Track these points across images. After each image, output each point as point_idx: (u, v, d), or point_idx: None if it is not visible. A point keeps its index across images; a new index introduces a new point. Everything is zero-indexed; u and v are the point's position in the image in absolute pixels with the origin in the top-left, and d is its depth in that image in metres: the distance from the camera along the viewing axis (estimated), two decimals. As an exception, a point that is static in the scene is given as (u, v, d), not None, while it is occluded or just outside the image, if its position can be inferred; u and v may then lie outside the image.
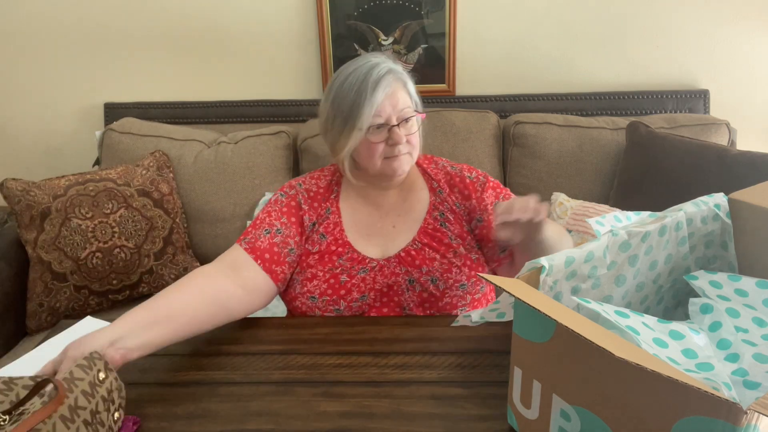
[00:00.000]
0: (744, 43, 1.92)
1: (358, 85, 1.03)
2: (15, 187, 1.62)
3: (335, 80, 1.08)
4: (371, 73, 1.03)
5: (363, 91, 1.03)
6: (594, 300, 0.71)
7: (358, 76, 1.04)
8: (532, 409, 0.70)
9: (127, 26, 2.04)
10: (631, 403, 0.57)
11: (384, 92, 1.03)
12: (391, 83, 1.04)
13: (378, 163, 1.07)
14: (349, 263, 1.09)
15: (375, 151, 1.06)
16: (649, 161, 1.64)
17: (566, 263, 0.74)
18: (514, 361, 0.72)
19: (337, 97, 1.06)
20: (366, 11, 1.96)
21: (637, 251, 0.81)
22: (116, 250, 1.66)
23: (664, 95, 1.94)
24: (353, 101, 1.03)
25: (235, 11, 2.00)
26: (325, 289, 1.08)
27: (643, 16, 1.92)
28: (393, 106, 1.04)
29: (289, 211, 1.13)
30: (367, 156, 1.07)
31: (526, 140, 1.83)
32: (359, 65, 1.06)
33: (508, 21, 1.96)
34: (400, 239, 1.14)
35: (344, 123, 1.05)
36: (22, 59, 2.10)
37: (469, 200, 1.15)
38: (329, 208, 1.15)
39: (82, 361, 0.73)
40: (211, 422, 0.79)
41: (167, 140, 1.90)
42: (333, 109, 1.07)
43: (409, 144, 1.07)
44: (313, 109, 2.04)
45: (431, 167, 1.20)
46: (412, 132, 1.07)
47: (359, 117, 1.03)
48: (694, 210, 0.84)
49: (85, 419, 0.68)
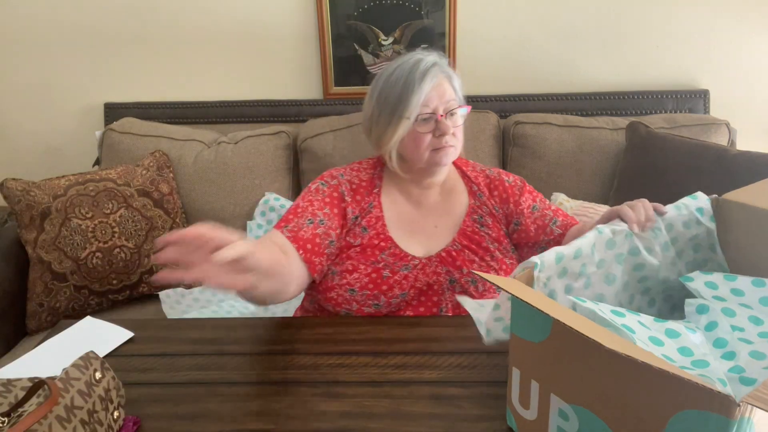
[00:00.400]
0: (744, 43, 1.92)
1: (405, 77, 1.05)
2: (15, 187, 1.62)
3: (380, 77, 1.11)
4: (418, 65, 1.06)
5: (411, 82, 1.05)
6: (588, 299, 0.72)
7: (404, 69, 1.07)
8: (530, 410, 0.70)
9: (127, 26, 2.03)
10: (627, 399, 0.58)
11: (431, 83, 1.05)
12: (437, 76, 1.06)
13: (425, 155, 1.08)
14: (392, 259, 1.09)
15: (422, 142, 1.07)
16: (649, 161, 1.64)
17: (557, 259, 0.75)
18: (512, 361, 0.72)
19: (383, 91, 1.08)
20: (366, 11, 1.96)
21: (622, 249, 0.82)
22: (116, 250, 1.66)
23: (664, 95, 1.94)
24: (400, 92, 1.05)
25: (235, 11, 2.00)
26: (366, 283, 1.07)
27: (642, 16, 1.92)
28: (440, 98, 1.06)
29: (332, 201, 1.12)
30: (414, 147, 1.08)
31: (526, 140, 1.83)
32: (404, 60, 1.08)
33: (508, 21, 1.96)
34: (441, 239, 1.14)
35: (392, 114, 1.07)
36: (22, 59, 2.10)
37: (507, 204, 1.17)
38: (372, 203, 1.15)
39: (78, 361, 0.73)
40: (211, 422, 0.79)
41: (167, 140, 1.90)
42: (379, 104, 1.09)
43: (455, 137, 1.09)
44: (313, 109, 2.04)
45: (469, 170, 1.21)
46: (457, 125, 1.09)
47: (407, 106, 1.05)
48: (675, 214, 0.85)
49: (82, 419, 0.68)
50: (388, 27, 1.97)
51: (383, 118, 1.09)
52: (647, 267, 0.83)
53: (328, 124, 1.89)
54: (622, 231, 0.81)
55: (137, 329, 1.03)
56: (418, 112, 1.05)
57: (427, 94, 1.05)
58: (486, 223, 1.15)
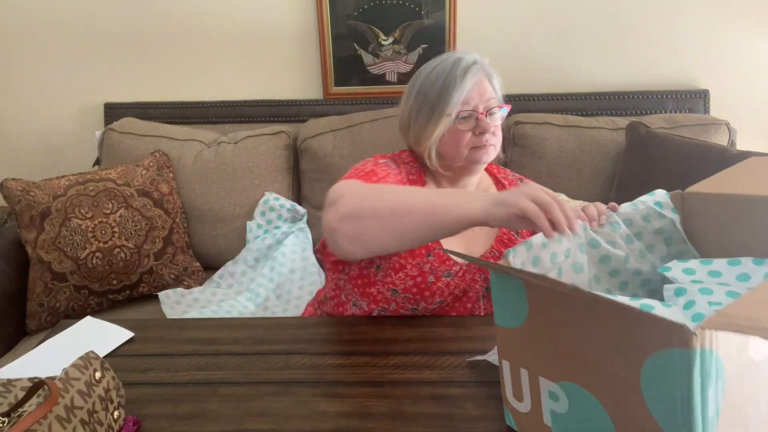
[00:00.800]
0: (744, 43, 1.92)
1: (446, 74, 1.05)
2: (15, 187, 1.62)
3: (419, 75, 1.10)
4: (459, 63, 1.05)
5: (452, 79, 1.04)
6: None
7: (444, 66, 1.06)
8: (524, 402, 0.71)
9: (127, 26, 2.03)
10: (601, 360, 0.59)
11: (472, 80, 1.04)
12: (477, 74, 1.06)
13: (464, 153, 1.07)
14: (437, 263, 1.05)
15: (462, 140, 1.06)
16: (649, 161, 1.64)
17: (527, 247, 0.78)
18: (501, 354, 0.73)
19: (423, 88, 1.07)
20: (366, 11, 1.96)
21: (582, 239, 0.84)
22: (116, 250, 1.66)
23: (664, 95, 1.94)
24: (441, 89, 1.05)
25: (235, 11, 2.00)
26: (410, 286, 1.04)
27: (643, 16, 1.92)
28: (480, 96, 1.06)
29: (398, 176, 1.10)
30: (454, 145, 1.07)
31: (526, 140, 1.83)
32: (444, 59, 1.08)
33: (508, 21, 1.96)
34: (479, 245, 1.12)
35: (432, 111, 1.06)
36: (23, 59, 2.09)
37: None
38: None
39: (78, 362, 0.73)
40: (211, 422, 0.79)
41: (167, 140, 1.90)
42: (418, 101, 1.08)
43: (494, 135, 1.08)
44: (313, 109, 2.04)
45: (501, 176, 1.21)
46: (497, 124, 1.08)
47: (448, 103, 1.04)
48: (631, 210, 0.86)
49: (82, 419, 0.68)
50: (388, 27, 1.97)
51: (423, 115, 1.07)
52: (614, 259, 0.84)
53: (328, 124, 1.89)
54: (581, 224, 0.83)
55: (137, 329, 1.03)
56: (458, 109, 1.04)
57: (468, 92, 1.04)
58: (520, 231, 1.13)
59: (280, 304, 1.66)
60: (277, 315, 1.59)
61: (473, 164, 1.09)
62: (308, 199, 1.91)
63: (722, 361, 0.51)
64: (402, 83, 2.03)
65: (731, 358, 0.52)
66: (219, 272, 1.80)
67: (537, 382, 0.68)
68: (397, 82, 2.04)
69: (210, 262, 1.87)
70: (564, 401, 0.65)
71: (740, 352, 0.53)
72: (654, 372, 0.54)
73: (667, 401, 0.53)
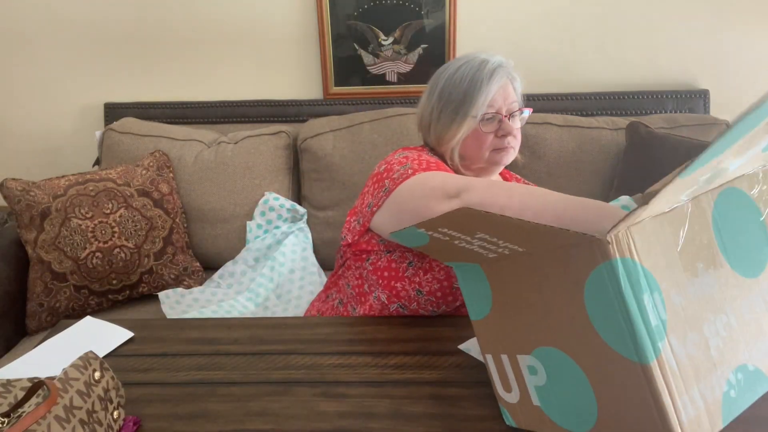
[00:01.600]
0: (744, 43, 1.92)
1: (472, 75, 1.05)
2: (15, 187, 1.62)
3: (442, 73, 1.10)
4: (485, 65, 1.06)
5: (478, 80, 1.04)
6: None
7: (470, 67, 1.06)
8: (513, 391, 0.72)
9: (127, 26, 2.04)
10: (554, 309, 0.61)
11: (498, 83, 1.05)
12: (503, 78, 1.06)
13: (486, 154, 1.08)
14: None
15: (485, 142, 1.07)
16: (649, 161, 1.64)
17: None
18: (483, 350, 0.75)
19: (447, 87, 1.08)
20: (366, 11, 1.96)
21: None
22: (116, 250, 1.66)
23: (664, 95, 1.94)
24: (466, 90, 1.05)
25: (235, 11, 2.00)
26: (435, 289, 1.03)
27: (643, 16, 1.92)
28: (504, 99, 1.06)
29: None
30: (476, 146, 1.08)
31: (526, 140, 1.83)
32: (469, 59, 1.08)
33: (508, 21, 1.96)
34: None
35: (456, 112, 1.06)
36: (23, 59, 2.10)
37: None
38: None
39: (77, 362, 0.73)
40: (211, 422, 0.79)
41: (167, 140, 1.90)
42: (441, 100, 1.08)
43: (515, 138, 1.09)
44: (313, 109, 2.04)
45: (511, 179, 1.22)
46: (518, 126, 1.09)
47: (473, 105, 1.05)
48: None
49: (81, 419, 0.68)
50: (388, 27, 1.97)
51: (446, 116, 1.08)
52: None
53: (328, 124, 1.89)
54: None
55: (137, 329, 1.03)
56: (483, 111, 1.05)
57: (494, 94, 1.05)
58: None
59: (280, 304, 1.66)
60: (277, 315, 1.59)
61: (494, 165, 1.10)
62: (308, 199, 1.91)
63: (652, 274, 0.53)
64: (402, 83, 2.03)
65: (660, 270, 0.54)
66: (219, 272, 1.80)
67: (517, 364, 0.69)
68: (397, 82, 2.04)
69: (210, 262, 1.87)
70: (542, 371, 0.66)
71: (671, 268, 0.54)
72: (594, 299, 0.56)
73: (612, 324, 0.55)
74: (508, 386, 0.73)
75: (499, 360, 0.72)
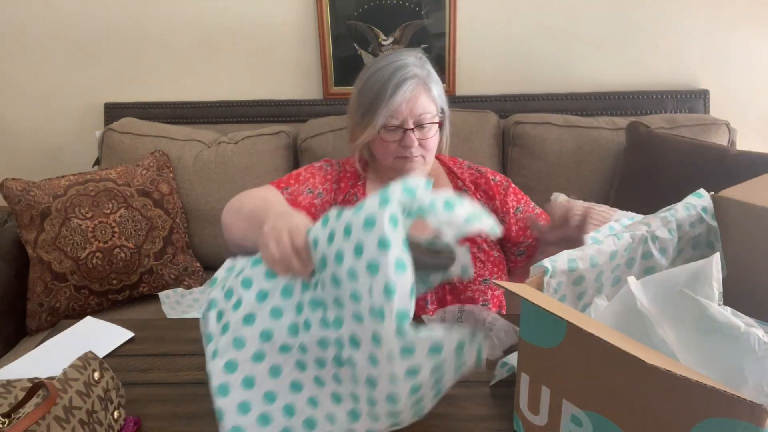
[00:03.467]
0: (744, 43, 1.92)
1: (381, 84, 1.06)
2: (15, 187, 1.62)
3: (368, 69, 1.11)
4: (395, 75, 1.05)
5: (383, 92, 1.05)
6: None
7: (384, 74, 1.06)
8: (540, 416, 0.69)
9: (127, 26, 2.03)
10: (647, 406, 0.56)
11: (403, 96, 1.05)
12: (414, 88, 1.06)
13: (390, 160, 1.11)
14: None
15: (387, 149, 1.09)
16: (649, 161, 1.64)
17: (570, 268, 0.74)
18: (521, 367, 0.71)
19: (363, 88, 1.09)
20: (366, 11, 1.96)
21: (635, 254, 0.81)
22: (116, 250, 1.65)
23: (664, 95, 1.94)
24: (372, 99, 1.06)
25: (235, 11, 2.00)
26: None
27: (643, 16, 1.92)
28: (410, 110, 1.06)
29: (330, 180, 1.16)
30: (381, 152, 1.11)
31: (526, 140, 1.83)
32: (390, 62, 1.08)
33: (508, 21, 1.96)
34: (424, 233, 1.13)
35: (362, 117, 1.09)
36: (22, 59, 2.09)
37: (493, 201, 1.17)
38: (357, 195, 1.16)
39: (77, 362, 0.73)
40: (211, 422, 0.79)
41: (167, 140, 1.90)
42: (358, 99, 1.10)
43: (423, 148, 1.09)
44: (313, 109, 2.04)
45: (456, 167, 1.22)
46: (427, 137, 1.09)
47: (375, 116, 1.06)
48: (684, 215, 0.85)
49: (81, 419, 0.68)
50: (388, 27, 1.97)
51: (356, 118, 1.11)
52: (656, 269, 0.83)
53: (328, 124, 1.89)
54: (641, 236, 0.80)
55: (137, 329, 1.03)
56: (383, 123, 1.06)
57: (396, 107, 1.05)
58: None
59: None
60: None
61: (399, 173, 1.11)
62: (308, 199, 1.91)
63: None
64: (402, 83, 2.03)
65: None
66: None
67: (559, 404, 0.66)
68: (397, 82, 2.03)
69: (210, 262, 1.87)
70: (588, 428, 0.63)
71: None
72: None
73: None
74: (535, 410, 0.69)
75: (538, 388, 0.68)
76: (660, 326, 0.64)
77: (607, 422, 0.60)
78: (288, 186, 1.12)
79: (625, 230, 0.81)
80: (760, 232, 0.80)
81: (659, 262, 0.82)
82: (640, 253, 0.81)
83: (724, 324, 0.60)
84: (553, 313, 0.60)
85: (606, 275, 0.79)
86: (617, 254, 0.78)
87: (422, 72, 1.08)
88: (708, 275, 0.67)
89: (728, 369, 0.60)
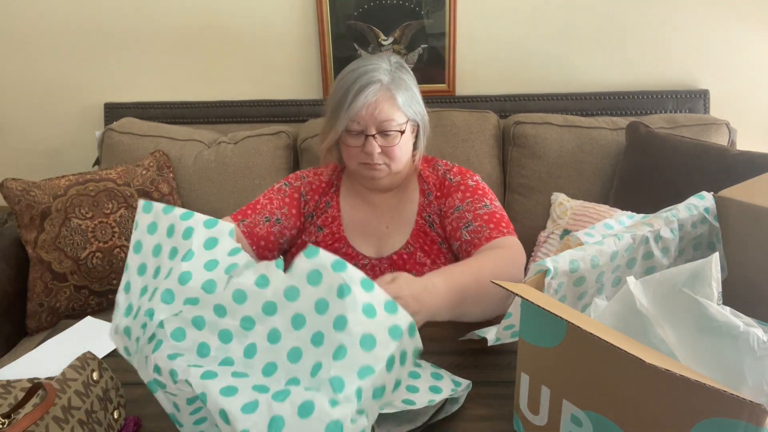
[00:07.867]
0: (744, 44, 1.92)
1: (345, 89, 1.05)
2: (15, 187, 1.62)
3: (342, 72, 1.10)
4: (359, 80, 1.04)
5: (346, 96, 1.05)
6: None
7: (350, 78, 1.06)
8: (540, 416, 0.69)
9: (127, 26, 2.03)
10: (647, 405, 0.56)
11: (364, 100, 1.04)
12: (376, 94, 1.04)
13: (353, 165, 1.11)
14: (344, 258, 1.08)
15: (350, 153, 1.09)
16: (649, 161, 1.64)
17: (571, 269, 0.74)
18: (520, 367, 0.71)
19: (333, 92, 1.10)
20: (366, 11, 1.96)
21: (636, 254, 0.81)
22: (116, 250, 1.66)
23: (664, 95, 1.94)
24: (337, 102, 1.06)
25: (235, 11, 2.00)
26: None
27: (642, 16, 1.92)
28: (372, 117, 1.05)
29: (291, 202, 1.16)
30: (346, 156, 1.12)
31: (526, 140, 1.83)
32: (358, 67, 1.07)
33: (508, 21, 1.96)
34: (393, 241, 1.14)
35: (328, 120, 1.10)
36: (22, 59, 2.09)
37: (445, 201, 1.15)
38: (329, 202, 1.17)
39: (75, 362, 0.73)
40: (211, 422, 0.79)
41: (167, 140, 1.90)
42: (328, 102, 1.10)
43: (386, 156, 1.07)
44: (313, 109, 2.04)
45: (427, 170, 1.20)
46: (390, 145, 1.07)
47: (337, 120, 1.06)
48: (687, 216, 0.84)
49: (80, 419, 0.68)
50: (388, 27, 1.97)
51: (326, 119, 1.11)
52: (657, 270, 0.83)
53: (328, 124, 1.89)
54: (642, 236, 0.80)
55: (137, 329, 1.03)
56: (345, 127, 1.06)
57: (357, 112, 1.04)
58: (435, 222, 1.13)
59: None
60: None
61: (364, 180, 1.12)
62: (308, 199, 1.91)
63: None
64: (402, 83, 2.03)
65: None
66: (219, 272, 1.80)
67: (559, 403, 0.66)
68: (397, 82, 2.03)
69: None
70: (588, 428, 0.63)
71: None
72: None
73: None
74: (535, 410, 0.69)
75: (538, 388, 0.68)
76: (659, 326, 0.64)
77: (607, 422, 0.60)
78: (245, 218, 1.13)
79: (625, 230, 0.81)
80: (760, 232, 0.80)
81: (660, 262, 0.82)
82: (641, 254, 0.81)
83: (724, 324, 0.60)
84: (553, 314, 0.60)
85: (607, 276, 0.79)
86: (618, 255, 0.78)
87: (387, 78, 1.05)
88: (707, 275, 0.67)
89: (728, 369, 0.60)
